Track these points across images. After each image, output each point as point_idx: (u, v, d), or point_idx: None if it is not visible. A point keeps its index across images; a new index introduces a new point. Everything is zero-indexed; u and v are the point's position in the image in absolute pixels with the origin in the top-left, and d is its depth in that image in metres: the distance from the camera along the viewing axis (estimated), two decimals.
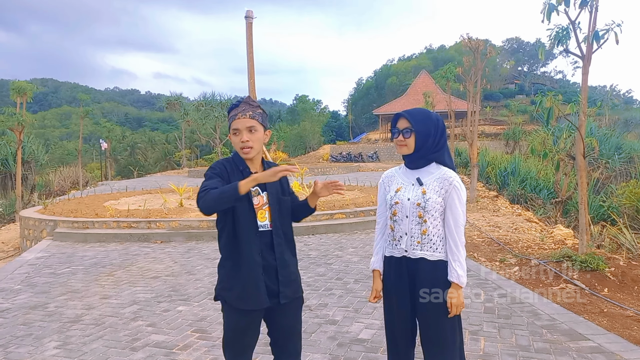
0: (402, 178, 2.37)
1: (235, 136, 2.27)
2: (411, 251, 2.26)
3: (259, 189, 2.28)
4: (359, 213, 9.80)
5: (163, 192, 14.37)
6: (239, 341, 2.29)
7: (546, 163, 16.64)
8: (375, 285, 2.43)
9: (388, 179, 2.44)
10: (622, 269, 5.36)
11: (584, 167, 6.23)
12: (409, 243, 2.26)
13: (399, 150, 2.32)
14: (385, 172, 2.52)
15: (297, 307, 2.40)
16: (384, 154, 37.96)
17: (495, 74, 60.20)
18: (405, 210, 2.27)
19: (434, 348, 2.25)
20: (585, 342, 3.70)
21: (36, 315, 4.71)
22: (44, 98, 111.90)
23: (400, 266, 2.30)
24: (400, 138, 2.28)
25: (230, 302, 2.26)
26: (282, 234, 2.32)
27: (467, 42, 13.80)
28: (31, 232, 9.85)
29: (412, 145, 2.26)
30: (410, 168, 2.35)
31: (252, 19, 15.26)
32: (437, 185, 2.25)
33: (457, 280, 2.20)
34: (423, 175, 2.29)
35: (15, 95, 17.40)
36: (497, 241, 7.65)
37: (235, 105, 2.30)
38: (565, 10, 5.71)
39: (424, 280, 2.24)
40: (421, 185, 2.27)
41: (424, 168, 2.30)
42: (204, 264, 6.70)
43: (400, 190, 2.32)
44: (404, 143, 2.27)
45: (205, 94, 38.93)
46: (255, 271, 2.22)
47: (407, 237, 2.26)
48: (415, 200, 2.24)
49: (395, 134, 2.31)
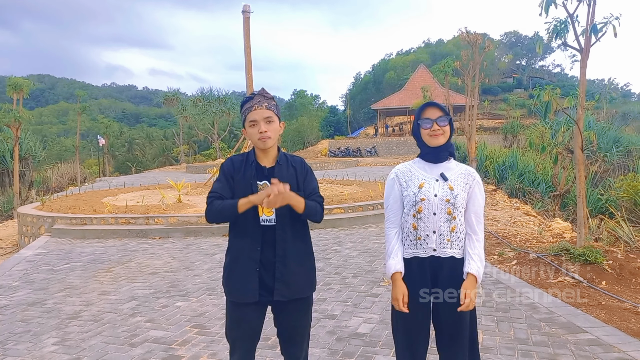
0: (422, 173, 2.25)
1: (252, 128, 2.25)
2: (441, 250, 2.17)
3: (267, 182, 2.25)
4: (357, 208, 9.80)
5: (161, 188, 14.35)
6: (233, 332, 2.32)
7: (544, 157, 16.68)
8: (400, 288, 2.20)
9: (404, 174, 2.29)
10: (619, 261, 5.38)
11: (582, 160, 6.23)
12: (438, 241, 2.17)
13: (433, 141, 2.20)
14: (395, 167, 2.38)
15: (302, 310, 2.34)
16: (382, 149, 37.96)
17: (494, 68, 60.19)
18: (432, 207, 2.17)
19: (454, 349, 2.19)
20: (583, 334, 3.71)
21: (34, 311, 4.70)
22: (41, 94, 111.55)
23: (424, 266, 2.19)
24: (435, 127, 2.18)
25: (226, 293, 2.33)
26: (289, 230, 2.26)
27: (465, 36, 13.78)
28: (29, 229, 9.84)
29: (448, 133, 2.21)
30: (432, 162, 2.25)
31: (249, 13, 15.17)
32: (462, 180, 2.21)
33: (476, 272, 2.13)
34: (446, 171, 2.23)
35: (11, 91, 17.36)
36: (496, 235, 7.66)
37: (249, 98, 2.30)
38: (563, 4, 5.69)
39: (447, 279, 2.16)
40: (446, 181, 2.19)
41: (444, 163, 2.24)
42: (203, 260, 6.70)
43: (424, 186, 2.21)
44: (440, 132, 2.19)
45: (203, 90, 38.97)
46: (249, 265, 2.23)
47: (436, 236, 2.17)
48: (444, 197, 2.17)
49: (427, 123, 2.20)
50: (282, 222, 2.24)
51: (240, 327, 2.29)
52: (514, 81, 69.14)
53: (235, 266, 2.28)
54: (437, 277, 2.18)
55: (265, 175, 2.28)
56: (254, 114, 2.25)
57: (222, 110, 36.03)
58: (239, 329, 2.30)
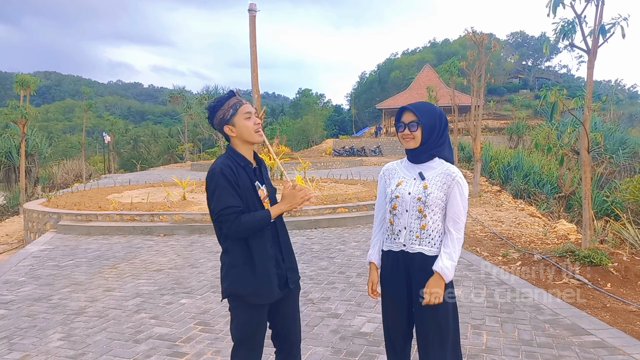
0: (404, 172, 2.34)
1: (248, 120, 2.24)
2: (409, 245, 2.24)
3: (259, 182, 2.30)
4: (362, 207, 9.79)
5: (166, 186, 14.40)
6: (254, 336, 2.27)
7: (550, 158, 16.60)
8: (371, 277, 2.42)
9: (389, 172, 2.41)
10: (625, 264, 5.35)
11: (588, 162, 6.19)
12: (407, 237, 2.24)
13: (404, 144, 2.28)
14: (385, 165, 2.48)
15: (297, 295, 2.45)
16: (387, 149, 37.91)
17: (499, 68, 60.00)
18: (405, 204, 2.25)
19: (428, 343, 2.24)
20: (587, 336, 3.70)
21: (40, 307, 4.74)
22: (47, 91, 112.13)
23: (397, 260, 2.28)
24: (406, 132, 2.24)
25: (245, 298, 2.20)
26: (280, 223, 2.38)
27: (472, 36, 13.71)
28: (35, 225, 9.90)
29: (418, 139, 2.23)
30: (413, 162, 2.31)
31: (256, 12, 15.17)
32: (440, 180, 2.23)
33: (440, 270, 2.15)
34: (425, 170, 2.27)
35: (18, 88, 17.42)
36: (500, 236, 7.64)
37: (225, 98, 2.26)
38: (571, 4, 5.66)
39: (419, 275, 2.21)
40: (423, 180, 2.24)
41: (426, 163, 2.28)
42: (207, 257, 6.72)
43: (402, 184, 2.29)
44: (410, 136, 2.24)
45: (208, 88, 38.98)
46: (269, 265, 2.24)
47: (406, 232, 2.24)
48: (416, 195, 2.22)
49: (400, 127, 2.26)
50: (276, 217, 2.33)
51: (261, 330, 2.29)
52: (519, 81, 68.91)
53: (252, 269, 2.19)
54: (410, 272, 2.25)
55: (256, 174, 2.32)
56: (247, 106, 2.25)
57: None
58: (260, 332, 2.29)
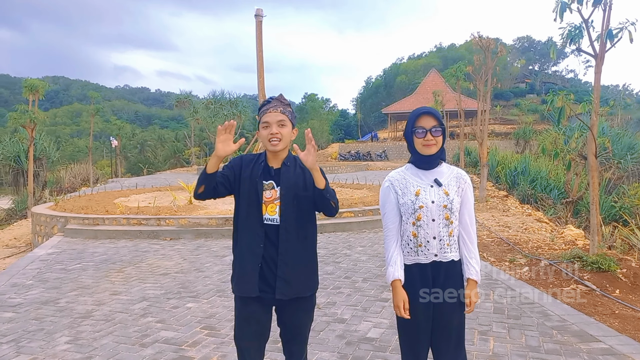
0: (417, 180, 2.24)
1: (264, 129, 2.32)
2: (442, 255, 2.19)
3: (273, 182, 2.34)
4: (367, 212, 9.78)
5: (172, 190, 14.45)
6: (241, 329, 2.36)
7: (557, 163, 16.49)
8: (400, 295, 2.20)
9: (398, 182, 2.27)
10: (634, 270, 5.31)
11: (596, 167, 6.16)
12: (439, 247, 2.18)
13: (425, 151, 2.19)
14: (389, 175, 2.34)
15: (304, 309, 2.40)
16: (392, 153, 37.84)
17: (506, 72, 59.79)
18: (431, 214, 2.18)
19: (450, 347, 2.23)
20: (596, 343, 3.66)
21: (47, 310, 4.76)
22: (55, 96, 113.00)
23: (426, 271, 2.21)
24: (429, 137, 2.17)
25: (232, 289, 2.40)
26: (293, 231, 2.31)
27: (478, 40, 13.71)
28: (42, 228, 9.96)
29: (440, 144, 2.20)
30: (425, 169, 2.25)
31: (262, 17, 15.26)
32: (455, 184, 2.22)
33: (477, 277, 2.20)
34: (438, 176, 2.23)
35: (27, 92, 17.59)
36: (507, 241, 7.59)
37: (267, 102, 2.39)
38: (578, 9, 5.65)
39: (444, 280, 2.20)
40: (440, 186, 2.20)
41: (436, 168, 2.25)
42: (213, 261, 6.73)
43: (420, 193, 2.20)
44: (433, 142, 2.17)
45: (215, 92, 39.04)
46: (252, 260, 2.31)
47: (436, 241, 2.18)
48: (441, 203, 2.17)
49: (421, 132, 2.17)
50: (286, 222, 2.30)
51: (250, 325, 2.34)
52: (526, 86, 68.63)
53: (239, 262, 2.37)
54: (436, 279, 2.23)
55: (272, 175, 2.35)
56: (268, 116, 2.32)
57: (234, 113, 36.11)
58: (248, 326, 2.34)
